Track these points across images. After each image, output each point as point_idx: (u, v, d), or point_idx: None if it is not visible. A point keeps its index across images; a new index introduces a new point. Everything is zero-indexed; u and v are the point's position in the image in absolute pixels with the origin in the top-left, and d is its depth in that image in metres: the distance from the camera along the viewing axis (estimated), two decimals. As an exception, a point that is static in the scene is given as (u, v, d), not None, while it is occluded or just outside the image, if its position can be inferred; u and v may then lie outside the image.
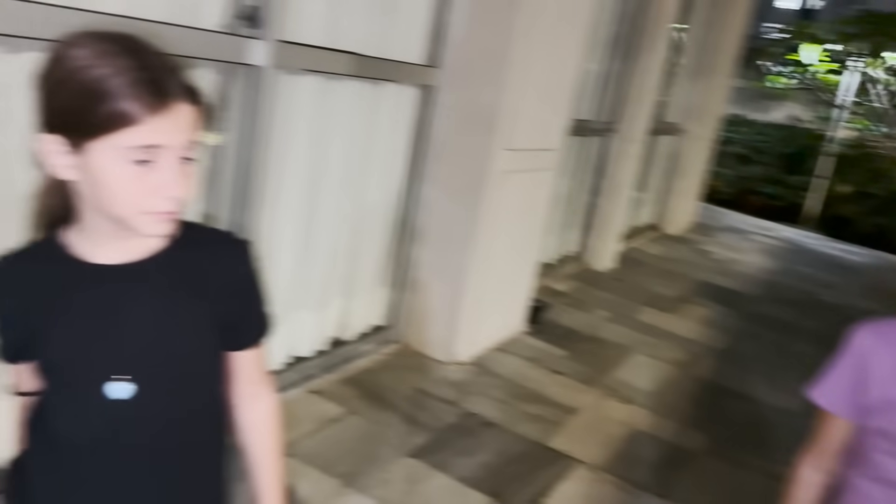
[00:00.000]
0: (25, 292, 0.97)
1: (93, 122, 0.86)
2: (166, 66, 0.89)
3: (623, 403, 3.46)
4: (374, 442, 2.72)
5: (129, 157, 0.87)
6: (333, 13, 2.64)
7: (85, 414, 0.99)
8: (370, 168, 3.09)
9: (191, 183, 0.92)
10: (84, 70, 0.85)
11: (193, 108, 0.90)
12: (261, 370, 1.14)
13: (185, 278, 1.00)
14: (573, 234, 5.45)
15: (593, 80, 4.92)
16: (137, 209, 0.89)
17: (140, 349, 0.98)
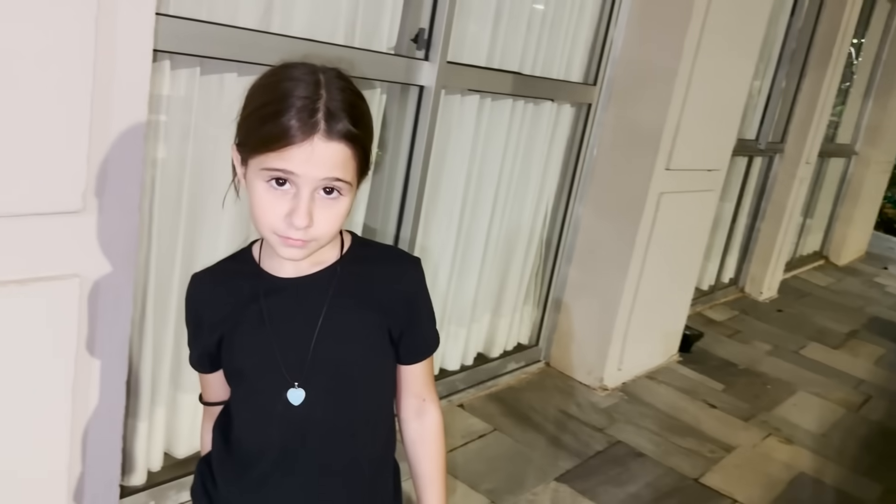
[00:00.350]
0: (217, 304, 1.04)
1: (255, 138, 0.91)
2: (336, 106, 0.89)
3: (785, 443, 3.23)
4: (521, 462, 2.70)
5: (268, 177, 0.90)
6: (497, 34, 2.68)
7: (266, 420, 1.04)
8: (524, 186, 3.10)
9: (330, 218, 0.92)
10: (268, 90, 0.92)
11: (348, 150, 0.91)
12: (427, 385, 1.14)
13: (358, 291, 1.03)
14: (731, 259, 5.18)
15: (760, 98, 4.68)
16: (271, 230, 0.93)
17: (312, 356, 1.01)
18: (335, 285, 1.02)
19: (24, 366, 1.29)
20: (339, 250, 1.05)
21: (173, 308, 1.97)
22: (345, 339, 1.03)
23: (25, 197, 1.20)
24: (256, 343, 1.02)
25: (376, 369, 1.08)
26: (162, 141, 1.82)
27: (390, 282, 1.06)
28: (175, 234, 1.91)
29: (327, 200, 0.92)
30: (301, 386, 1.00)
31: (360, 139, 0.92)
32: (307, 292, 1.02)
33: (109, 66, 1.27)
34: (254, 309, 1.02)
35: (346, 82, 0.94)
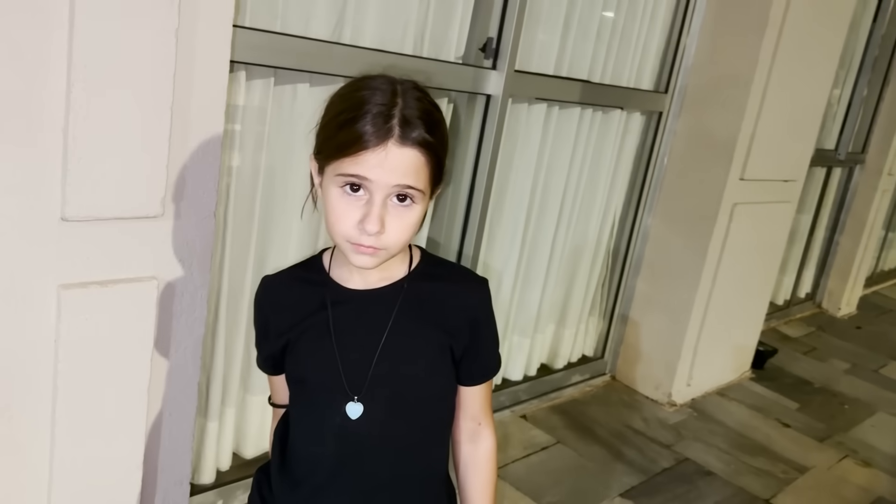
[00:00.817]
0: (285, 309, 1.06)
1: (331, 145, 0.92)
2: (411, 114, 0.90)
3: (862, 466, 3.08)
4: (584, 475, 2.66)
5: (342, 182, 0.91)
6: (565, 42, 2.66)
7: (324, 431, 1.04)
8: (591, 195, 3.06)
9: (401, 226, 0.93)
10: (347, 99, 0.93)
11: (421, 157, 0.92)
12: (484, 408, 1.13)
13: (424, 308, 1.03)
14: (808, 274, 4.99)
15: (840, 107, 4.50)
16: (344, 236, 0.93)
17: (373, 371, 1.01)
18: (401, 301, 1.02)
19: (102, 365, 1.34)
20: (407, 266, 1.05)
21: (245, 311, 2.02)
22: (407, 356, 1.02)
23: (109, 202, 1.26)
24: (320, 353, 1.02)
25: (437, 389, 1.07)
26: (237, 149, 1.87)
27: (456, 301, 1.06)
28: (248, 240, 1.96)
29: (399, 208, 0.93)
30: (360, 400, 1.00)
31: (435, 147, 0.93)
32: (373, 306, 1.02)
33: (188, 77, 1.32)
34: (320, 318, 1.02)
35: (422, 93, 0.95)
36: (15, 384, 1.26)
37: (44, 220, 1.21)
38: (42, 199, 1.20)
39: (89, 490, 1.41)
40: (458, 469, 1.14)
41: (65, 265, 1.25)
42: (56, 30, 1.15)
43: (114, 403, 1.37)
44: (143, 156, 1.27)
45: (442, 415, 1.11)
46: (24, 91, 1.15)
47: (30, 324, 1.25)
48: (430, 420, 1.08)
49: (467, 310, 1.06)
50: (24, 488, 1.34)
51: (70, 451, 1.35)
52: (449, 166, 0.99)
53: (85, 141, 1.20)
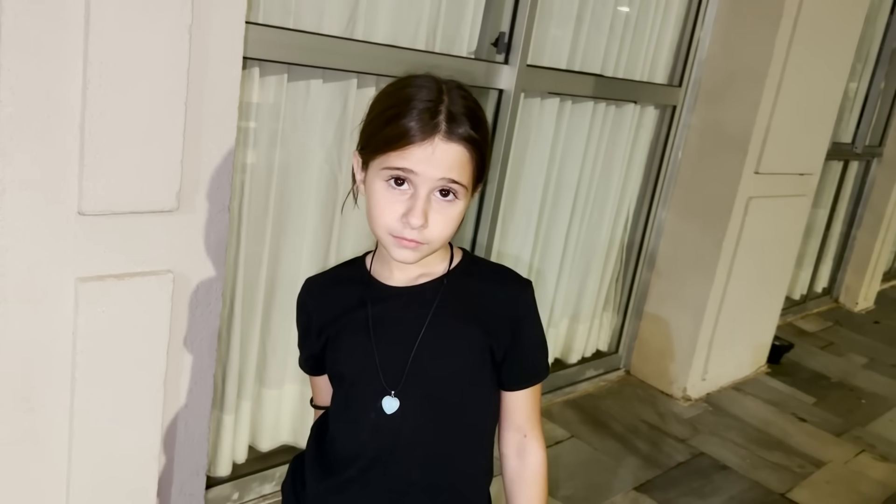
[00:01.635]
0: (326, 308, 1.07)
1: (378, 139, 0.94)
2: (457, 110, 0.92)
3: (879, 461, 3.06)
4: (599, 469, 2.66)
5: (387, 176, 0.93)
6: (578, 36, 2.66)
7: (360, 425, 1.04)
8: (605, 190, 3.05)
9: (443, 221, 0.94)
10: (393, 96, 0.95)
11: (466, 153, 0.93)
12: (530, 419, 1.10)
13: (463, 307, 1.03)
14: (825, 268, 4.95)
15: (857, 100, 4.46)
16: (387, 230, 0.94)
17: (410, 367, 1.01)
18: (440, 298, 1.02)
19: (119, 357, 1.37)
20: (447, 264, 1.05)
21: (260, 305, 2.04)
22: (444, 352, 1.02)
23: (124, 196, 1.28)
24: (358, 348, 1.03)
25: (474, 389, 1.06)
26: (251, 145, 1.89)
27: (497, 301, 1.05)
28: (263, 235, 1.98)
29: (443, 203, 0.94)
30: (397, 395, 1.00)
31: (479, 143, 0.95)
32: (412, 302, 1.03)
33: (202, 73, 1.34)
34: (360, 315, 1.03)
35: (466, 92, 0.97)
36: (35, 376, 1.29)
37: (61, 215, 1.23)
38: (59, 193, 1.22)
39: (107, 480, 1.43)
40: (505, 485, 1.11)
41: (82, 258, 1.27)
42: (72, 28, 1.17)
43: (131, 395, 1.40)
44: (158, 151, 1.29)
45: (480, 420, 1.09)
46: (42, 88, 1.17)
47: (48, 316, 1.27)
48: (466, 424, 1.06)
49: (509, 309, 1.04)
50: (44, 478, 1.36)
51: (88, 441, 1.37)
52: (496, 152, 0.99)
53: (101, 136, 1.22)
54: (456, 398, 1.04)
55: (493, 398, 1.09)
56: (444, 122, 0.91)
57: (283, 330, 2.14)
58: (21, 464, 1.32)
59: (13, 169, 1.17)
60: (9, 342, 1.24)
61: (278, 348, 2.16)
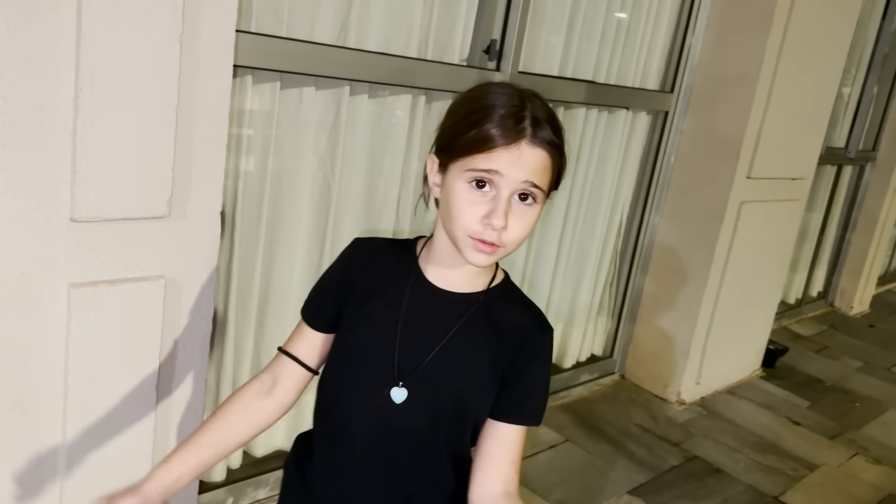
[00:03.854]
0: (370, 273, 1.08)
1: (462, 142, 0.96)
2: (541, 117, 0.96)
3: (873, 464, 3.08)
4: (592, 473, 2.67)
5: (471, 177, 0.95)
6: (570, 43, 2.68)
7: (361, 407, 1.04)
8: (597, 195, 3.07)
9: (522, 225, 0.97)
10: (476, 101, 0.98)
11: (548, 158, 0.96)
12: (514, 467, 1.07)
13: (491, 329, 1.05)
14: (820, 272, 4.97)
15: (850, 105, 4.49)
16: (466, 230, 0.96)
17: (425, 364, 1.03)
18: (472, 313, 1.05)
19: (112, 361, 1.38)
20: (488, 283, 1.07)
21: (253, 311, 2.05)
22: (460, 365, 1.04)
23: (116, 203, 1.30)
24: (383, 329, 1.04)
25: (474, 408, 1.06)
26: (245, 152, 1.91)
27: (522, 333, 1.06)
28: (256, 241, 1.99)
29: (522, 207, 0.97)
30: (406, 387, 1.02)
31: (561, 149, 0.98)
32: (446, 308, 1.05)
33: (192, 81, 1.36)
34: (396, 299, 1.05)
35: (544, 101, 1.01)
36: (28, 380, 1.30)
37: (54, 221, 1.25)
38: (52, 200, 1.24)
39: (101, 483, 1.45)
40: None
41: (75, 265, 1.29)
42: (64, 38, 1.19)
43: (123, 399, 1.41)
44: (149, 158, 1.31)
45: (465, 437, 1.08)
46: (35, 97, 1.19)
47: (41, 321, 1.29)
48: (461, 431, 1.07)
49: (528, 346, 1.06)
50: (38, 481, 1.38)
51: (81, 445, 1.39)
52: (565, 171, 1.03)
53: (92, 144, 1.24)
54: (457, 410, 1.05)
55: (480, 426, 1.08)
56: (530, 127, 0.94)
57: (277, 335, 2.15)
58: (14, 468, 1.34)
59: (6, 176, 1.19)
60: (1, 347, 1.25)
61: (272, 353, 2.17)
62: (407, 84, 2.18)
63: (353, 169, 2.17)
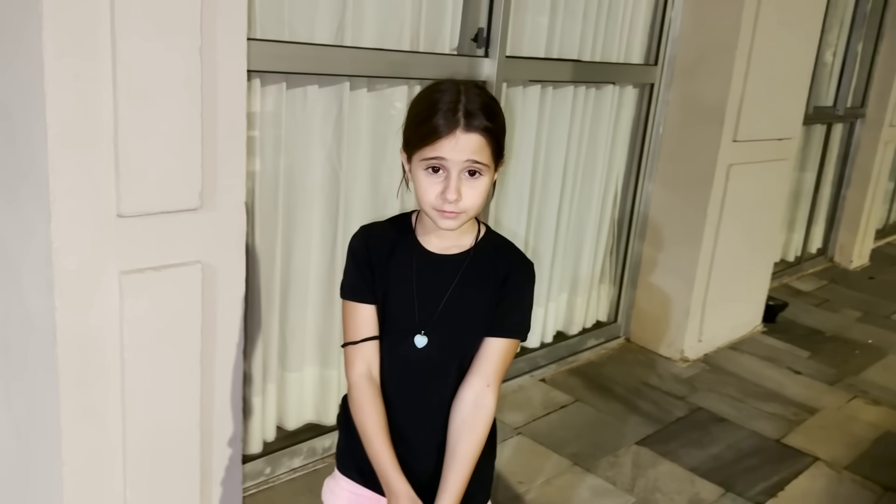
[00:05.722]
0: (382, 249, 1.30)
1: (415, 138, 1.19)
2: (474, 107, 1.16)
3: (871, 405, 3.24)
4: (602, 429, 2.85)
5: (426, 165, 1.18)
6: (554, 25, 2.84)
7: (400, 355, 1.28)
8: (591, 168, 3.23)
9: (474, 194, 1.19)
10: (422, 102, 1.21)
11: (483, 139, 1.17)
12: (496, 372, 1.28)
13: (482, 273, 1.28)
14: (818, 229, 5.11)
15: (835, 64, 4.62)
16: (431, 206, 1.19)
17: (438, 314, 1.27)
18: (466, 266, 1.28)
19: (161, 339, 1.57)
20: (475, 237, 1.30)
21: (277, 296, 2.24)
22: (465, 306, 1.27)
23: (155, 198, 1.48)
24: (403, 293, 1.27)
25: (482, 334, 1.29)
26: (258, 150, 2.09)
27: (504, 271, 1.29)
28: (275, 231, 2.18)
29: (471, 180, 1.19)
30: (426, 334, 1.26)
31: (493, 131, 1.19)
32: (445, 266, 1.28)
33: (213, 87, 1.53)
34: (406, 266, 1.28)
35: (481, 90, 1.22)
36: (89, 359, 1.49)
37: (104, 217, 1.43)
38: (101, 199, 1.42)
39: (156, 447, 1.64)
40: (454, 424, 1.27)
41: (123, 254, 1.47)
42: (102, 59, 1.37)
43: (173, 372, 1.60)
44: (181, 157, 1.49)
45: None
46: (81, 111, 1.37)
47: (98, 306, 1.47)
48: (468, 363, 1.29)
49: (511, 275, 1.28)
50: (103, 449, 1.57)
51: (139, 415, 1.58)
52: (508, 145, 1.24)
53: (132, 148, 1.43)
54: (469, 341, 1.29)
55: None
56: (464, 118, 1.15)
57: (300, 317, 2.34)
58: (83, 435, 1.53)
59: (61, 181, 1.37)
60: (67, 329, 1.44)
61: (296, 334, 2.36)
62: (402, 76, 2.35)
63: (359, 159, 2.35)
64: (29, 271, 1.49)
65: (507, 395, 3.01)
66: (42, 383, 1.52)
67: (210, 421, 1.72)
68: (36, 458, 1.64)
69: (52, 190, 1.37)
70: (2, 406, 1.72)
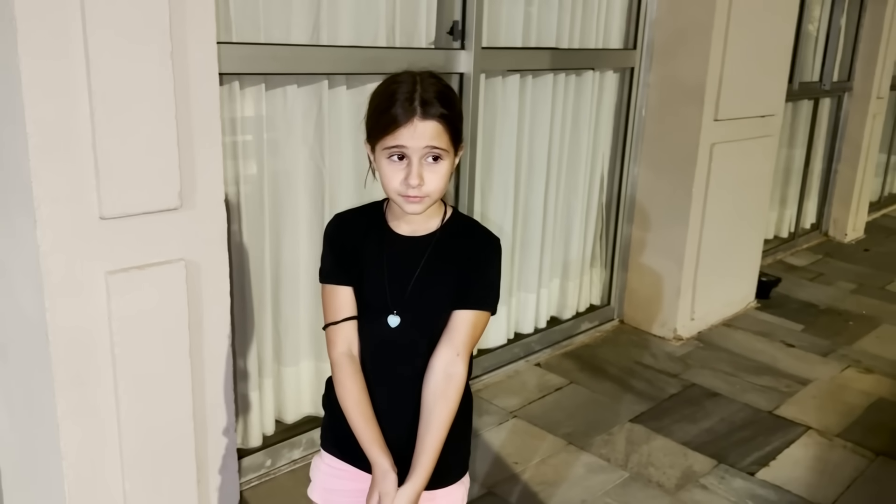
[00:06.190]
0: (356, 235, 1.36)
1: (376, 129, 1.25)
2: (429, 96, 1.22)
3: (864, 373, 3.28)
4: (596, 408, 2.90)
5: (388, 154, 1.24)
6: (529, 14, 2.89)
7: (374, 334, 1.34)
8: (576, 154, 3.28)
9: (435, 178, 1.24)
10: (381, 94, 1.26)
11: (440, 126, 1.23)
12: (465, 342, 1.32)
13: (448, 253, 1.33)
14: (811, 204, 5.14)
15: (819, 39, 4.64)
16: (396, 192, 1.25)
17: (408, 294, 1.32)
18: (432, 247, 1.33)
19: (150, 334, 1.63)
20: (441, 220, 1.35)
21: (268, 291, 2.30)
22: (433, 285, 1.32)
23: (135, 200, 1.54)
24: (375, 275, 1.33)
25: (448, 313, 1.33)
26: (241, 150, 2.15)
27: (470, 246, 1.35)
28: (262, 229, 2.24)
29: (432, 165, 1.25)
30: (398, 314, 1.32)
31: (449, 117, 1.24)
32: (413, 248, 1.33)
33: (185, 90, 1.59)
34: (377, 249, 1.34)
35: (436, 79, 1.27)
36: (82, 357, 1.56)
37: (87, 220, 1.49)
38: (83, 202, 1.48)
39: (153, 442, 1.70)
40: (426, 395, 1.31)
41: (108, 255, 1.54)
42: (76, 67, 1.43)
43: (163, 366, 1.66)
44: (158, 158, 1.55)
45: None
46: (59, 119, 1.43)
47: (87, 306, 1.54)
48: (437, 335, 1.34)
49: (475, 253, 1.34)
50: (100, 443, 1.63)
51: (133, 409, 1.64)
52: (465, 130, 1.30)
53: (110, 153, 1.49)
54: (438, 318, 1.34)
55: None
56: (420, 107, 1.21)
57: (292, 312, 2.40)
58: (80, 430, 1.59)
59: (44, 187, 1.43)
60: (58, 328, 1.50)
61: (290, 329, 2.42)
62: (380, 72, 2.39)
63: (341, 155, 2.40)
64: (20, 275, 1.56)
65: (503, 380, 3.07)
66: (38, 382, 1.58)
67: (203, 412, 1.78)
68: (36, 454, 1.70)
69: (36, 196, 1.43)
70: (3, 406, 1.78)
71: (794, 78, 4.20)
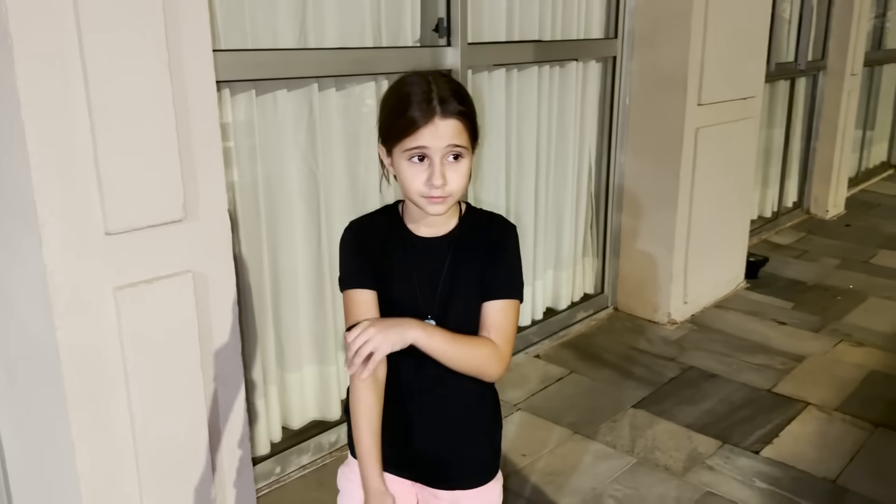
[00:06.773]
0: (374, 240, 1.34)
1: (394, 131, 1.23)
2: (446, 94, 1.21)
3: (856, 347, 3.34)
4: (598, 396, 2.92)
5: (409, 156, 1.22)
6: (512, 8, 2.90)
7: None
8: (563, 145, 3.30)
9: (457, 177, 1.22)
10: (395, 96, 1.24)
11: (460, 123, 1.21)
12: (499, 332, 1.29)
13: (470, 247, 1.32)
14: (791, 183, 5.21)
15: (792, 19, 4.70)
16: (418, 193, 1.23)
17: (439, 296, 1.30)
18: (455, 246, 1.32)
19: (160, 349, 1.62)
20: (458, 219, 1.33)
21: (268, 299, 2.29)
22: (461, 284, 1.31)
23: (140, 213, 1.53)
24: (404, 280, 1.31)
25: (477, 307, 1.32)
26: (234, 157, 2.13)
27: (489, 237, 1.33)
28: (259, 237, 2.23)
29: (453, 164, 1.23)
30: (432, 318, 1.29)
31: (468, 114, 1.24)
32: (437, 250, 1.32)
33: (184, 101, 1.58)
34: (402, 255, 1.32)
35: (448, 78, 1.27)
36: (94, 375, 1.54)
37: (92, 236, 1.48)
38: (88, 219, 1.47)
39: (169, 456, 1.69)
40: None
41: (115, 270, 1.52)
42: (75, 83, 1.41)
43: (175, 379, 1.65)
44: (161, 171, 1.54)
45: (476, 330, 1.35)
46: (60, 136, 1.41)
47: (97, 323, 1.52)
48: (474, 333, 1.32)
49: (495, 243, 1.32)
50: (116, 460, 1.62)
51: (148, 424, 1.63)
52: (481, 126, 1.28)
53: (112, 168, 1.47)
54: (469, 316, 1.32)
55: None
56: (439, 105, 1.19)
57: (293, 318, 2.40)
58: (95, 448, 1.58)
59: (47, 206, 1.41)
60: (68, 347, 1.49)
61: (292, 335, 2.42)
62: (368, 72, 2.40)
63: (334, 158, 2.40)
64: (27, 296, 1.54)
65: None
66: (51, 402, 1.57)
67: (217, 424, 1.77)
68: (51, 479, 1.69)
69: (40, 215, 1.41)
70: (13, 432, 1.76)
71: (771, 59, 4.24)
